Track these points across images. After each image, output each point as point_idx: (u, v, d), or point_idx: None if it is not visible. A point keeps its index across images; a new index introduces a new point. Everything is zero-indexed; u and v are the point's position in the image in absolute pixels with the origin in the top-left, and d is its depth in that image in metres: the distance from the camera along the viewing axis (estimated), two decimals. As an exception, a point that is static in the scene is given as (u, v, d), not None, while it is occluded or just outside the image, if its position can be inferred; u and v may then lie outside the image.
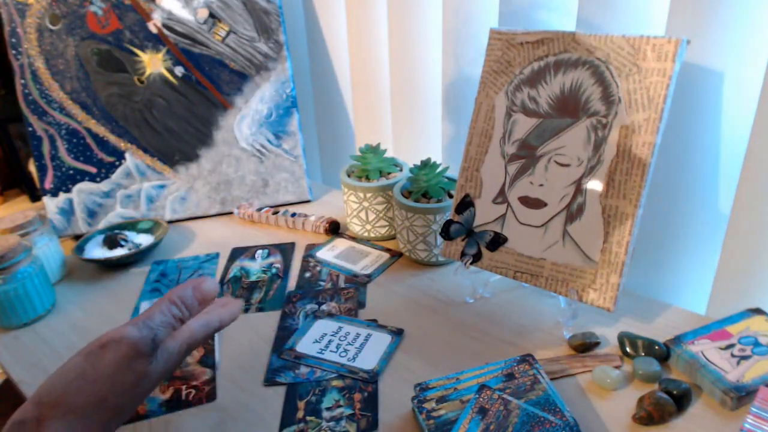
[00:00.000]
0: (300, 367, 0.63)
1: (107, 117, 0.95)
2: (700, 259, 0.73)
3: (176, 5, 0.95)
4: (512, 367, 0.58)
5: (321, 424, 0.56)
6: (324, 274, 0.81)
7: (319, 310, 0.73)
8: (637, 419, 0.54)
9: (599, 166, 0.63)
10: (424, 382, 0.58)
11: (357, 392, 0.59)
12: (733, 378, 0.55)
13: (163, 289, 0.80)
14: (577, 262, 0.64)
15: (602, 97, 0.63)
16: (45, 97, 0.93)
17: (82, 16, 0.93)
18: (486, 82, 0.72)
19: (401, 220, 0.80)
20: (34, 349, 0.70)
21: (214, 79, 0.97)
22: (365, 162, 0.88)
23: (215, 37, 0.96)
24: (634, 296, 0.71)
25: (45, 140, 0.94)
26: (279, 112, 1.00)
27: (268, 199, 1.01)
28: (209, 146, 0.98)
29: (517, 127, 0.69)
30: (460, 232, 0.72)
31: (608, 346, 0.64)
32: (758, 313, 0.64)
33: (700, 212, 0.71)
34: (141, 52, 0.95)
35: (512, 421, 0.51)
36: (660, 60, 0.59)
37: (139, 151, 0.97)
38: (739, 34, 0.62)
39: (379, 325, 0.69)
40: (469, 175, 0.72)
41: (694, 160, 0.69)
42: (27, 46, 0.92)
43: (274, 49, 0.98)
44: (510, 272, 0.68)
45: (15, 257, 0.73)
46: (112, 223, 0.96)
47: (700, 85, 0.65)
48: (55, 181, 0.95)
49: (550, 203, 0.66)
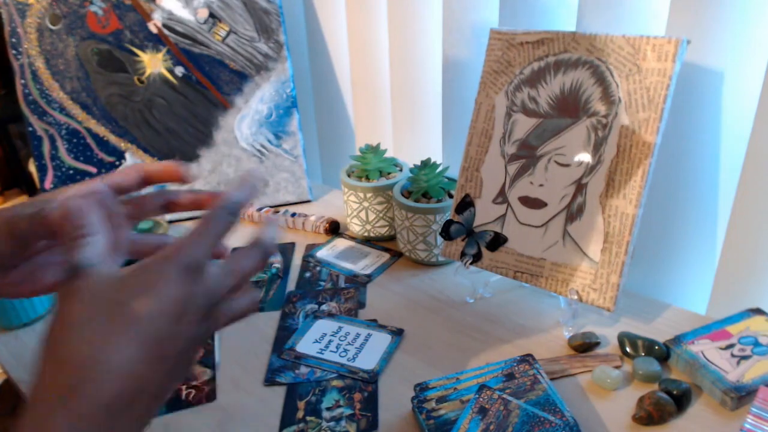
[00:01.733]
0: (300, 367, 0.63)
1: (107, 117, 0.95)
2: (700, 259, 0.73)
3: (176, 5, 0.95)
4: (512, 367, 0.58)
5: (321, 424, 0.56)
6: (324, 274, 0.81)
7: (319, 310, 0.73)
8: (637, 419, 0.54)
9: (599, 166, 0.63)
10: (424, 382, 0.58)
11: (357, 392, 0.59)
12: (733, 378, 0.55)
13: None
14: (577, 262, 0.64)
15: (602, 97, 0.63)
16: (45, 97, 0.93)
17: (82, 16, 0.93)
18: (486, 82, 0.72)
19: (401, 220, 0.80)
20: (34, 349, 0.70)
21: (214, 79, 0.97)
22: (365, 162, 0.88)
23: (215, 37, 0.96)
24: (634, 296, 0.71)
25: (45, 140, 0.94)
26: (279, 112, 1.00)
27: (268, 199, 1.01)
28: (209, 146, 0.98)
29: (517, 127, 0.69)
30: (460, 232, 0.72)
31: (608, 346, 0.64)
32: (758, 313, 0.64)
33: (700, 212, 0.71)
34: (141, 52, 0.95)
35: (512, 421, 0.51)
36: (660, 60, 0.59)
37: (139, 151, 0.97)
38: (739, 34, 0.62)
39: (379, 325, 0.69)
40: (469, 175, 0.72)
41: (694, 160, 0.69)
42: (27, 46, 0.92)
43: (274, 49, 0.98)
44: (510, 272, 0.68)
45: (15, 257, 0.73)
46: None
47: (700, 85, 0.65)
48: (55, 181, 0.95)
49: (550, 203, 0.66)
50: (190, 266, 0.37)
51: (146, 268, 0.37)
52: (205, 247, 0.38)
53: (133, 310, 0.35)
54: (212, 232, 0.39)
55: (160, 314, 0.35)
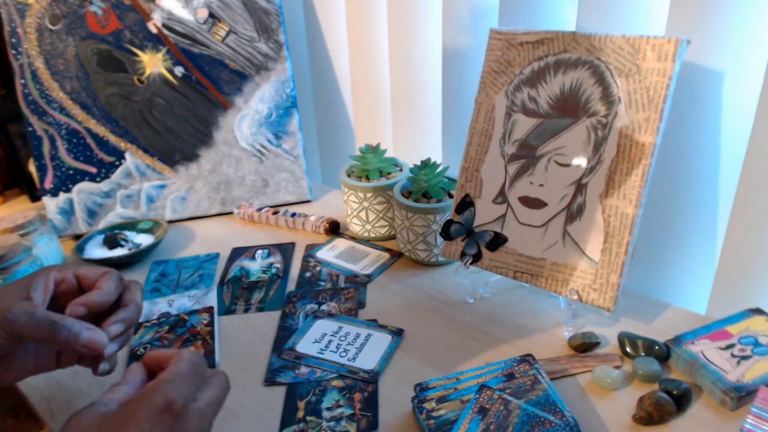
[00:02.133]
0: (300, 367, 0.63)
1: (107, 117, 0.95)
2: (700, 259, 0.73)
3: (176, 5, 0.95)
4: (512, 367, 0.58)
5: (321, 424, 0.56)
6: (324, 274, 0.81)
7: (319, 310, 0.73)
8: (637, 419, 0.54)
9: (599, 166, 0.63)
10: (424, 382, 0.58)
11: (357, 392, 0.59)
12: (733, 378, 0.55)
13: (163, 288, 0.80)
14: (577, 262, 0.64)
15: (602, 97, 0.63)
16: (45, 97, 0.93)
17: (82, 16, 0.93)
18: (486, 82, 0.72)
19: (401, 220, 0.80)
20: (34, 349, 0.70)
21: (214, 79, 0.97)
22: (365, 162, 0.88)
23: (215, 37, 0.96)
24: (634, 296, 0.71)
25: (45, 140, 0.94)
26: (279, 112, 1.00)
27: (268, 199, 1.01)
28: (209, 146, 0.98)
29: (517, 127, 0.69)
30: (460, 232, 0.72)
31: (608, 346, 0.64)
32: (758, 313, 0.64)
33: (700, 212, 0.71)
34: (141, 52, 0.95)
35: (512, 421, 0.51)
36: (660, 60, 0.59)
37: (139, 151, 0.97)
38: (739, 34, 0.62)
39: (379, 325, 0.69)
40: (469, 175, 0.72)
41: (694, 160, 0.69)
42: (27, 46, 0.92)
43: (274, 49, 0.98)
44: (510, 272, 0.68)
45: (15, 257, 0.73)
46: (112, 223, 0.96)
47: (700, 85, 0.65)
48: (55, 181, 0.95)
49: (550, 203, 0.66)
50: (164, 407, 0.38)
51: (126, 406, 0.39)
52: (187, 384, 0.40)
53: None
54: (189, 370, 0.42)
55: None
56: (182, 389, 0.40)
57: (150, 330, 0.71)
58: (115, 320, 0.52)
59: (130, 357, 0.67)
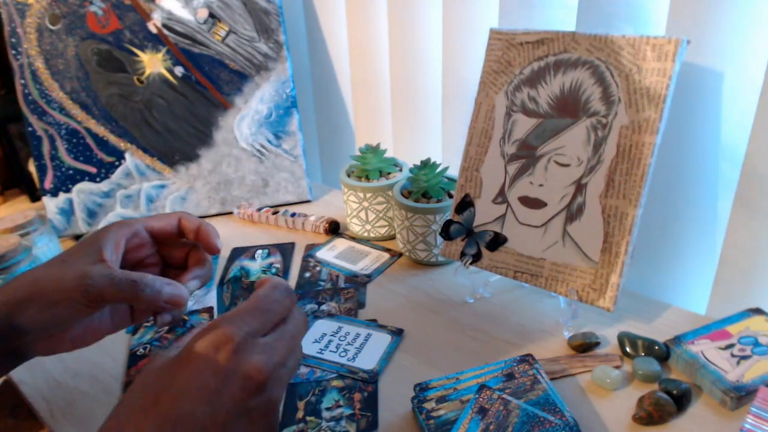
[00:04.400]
0: (300, 367, 0.63)
1: (107, 117, 0.95)
2: (700, 259, 0.73)
3: (176, 5, 0.95)
4: (512, 367, 0.58)
5: (321, 424, 0.56)
6: (324, 274, 0.81)
7: (319, 310, 0.73)
8: (637, 419, 0.54)
9: (599, 166, 0.63)
10: (424, 382, 0.58)
11: (357, 392, 0.59)
12: (733, 378, 0.55)
13: (163, 289, 0.80)
14: (577, 262, 0.64)
15: (602, 97, 0.63)
16: (45, 97, 0.93)
17: (82, 16, 0.93)
18: (486, 82, 0.72)
19: (401, 220, 0.80)
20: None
21: (214, 79, 0.97)
22: (365, 162, 0.88)
23: (215, 37, 0.96)
24: (634, 296, 0.71)
25: (45, 140, 0.94)
26: (279, 112, 1.00)
27: (268, 199, 1.01)
28: (209, 146, 0.98)
29: (517, 127, 0.69)
30: (460, 232, 0.72)
31: (608, 346, 0.64)
32: (758, 313, 0.64)
33: (700, 212, 0.71)
34: (141, 52, 0.95)
35: (512, 421, 0.51)
36: (660, 60, 0.59)
37: (139, 151, 0.97)
38: (739, 34, 0.62)
39: (379, 325, 0.69)
40: (469, 175, 0.72)
41: (694, 160, 0.69)
42: (27, 46, 0.92)
43: (274, 49, 0.98)
44: (510, 272, 0.68)
45: (15, 257, 0.73)
46: (111, 223, 0.96)
47: (700, 85, 0.65)
48: (55, 181, 0.95)
49: (550, 203, 0.66)
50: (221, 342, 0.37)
51: (186, 347, 0.38)
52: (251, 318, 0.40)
53: (164, 400, 0.36)
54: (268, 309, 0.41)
55: (188, 397, 0.36)
56: (241, 324, 0.38)
57: (150, 330, 0.71)
58: (193, 276, 0.53)
59: (130, 357, 0.67)
